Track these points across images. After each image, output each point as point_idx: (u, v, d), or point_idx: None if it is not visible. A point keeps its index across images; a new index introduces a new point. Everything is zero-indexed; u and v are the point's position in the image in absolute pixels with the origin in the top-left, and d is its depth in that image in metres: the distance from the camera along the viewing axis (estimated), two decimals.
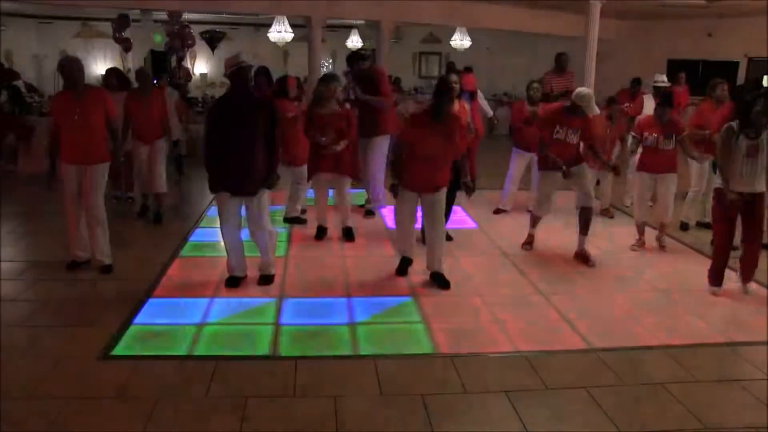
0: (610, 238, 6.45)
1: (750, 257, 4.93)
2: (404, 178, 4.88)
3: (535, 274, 5.29)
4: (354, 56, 6.94)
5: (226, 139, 4.56)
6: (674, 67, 12.08)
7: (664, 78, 7.68)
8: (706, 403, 3.41)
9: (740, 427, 3.22)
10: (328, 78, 6.02)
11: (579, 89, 5.63)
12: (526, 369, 3.73)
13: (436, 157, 4.77)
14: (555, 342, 4.10)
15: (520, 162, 7.17)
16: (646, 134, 5.74)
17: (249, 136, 4.53)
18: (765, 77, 13.67)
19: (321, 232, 6.17)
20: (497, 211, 7.29)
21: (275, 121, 4.66)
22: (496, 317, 4.44)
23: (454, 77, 5.60)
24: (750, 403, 3.45)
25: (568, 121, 5.47)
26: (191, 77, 15.20)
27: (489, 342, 4.08)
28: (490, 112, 7.83)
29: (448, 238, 6.06)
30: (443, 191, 4.96)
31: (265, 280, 4.90)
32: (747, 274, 4.97)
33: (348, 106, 6.11)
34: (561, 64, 8.09)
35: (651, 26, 15.41)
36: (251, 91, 4.65)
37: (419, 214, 5.11)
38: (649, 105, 7.49)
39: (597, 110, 5.52)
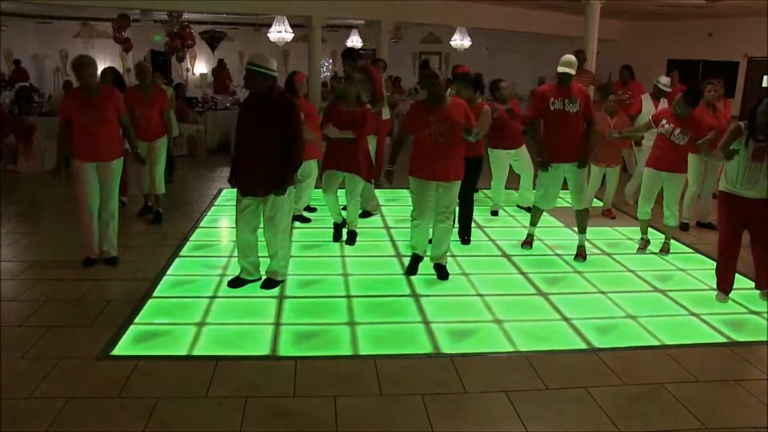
0: (611, 238, 6.45)
1: (764, 264, 4.75)
2: (416, 167, 4.96)
3: (535, 274, 5.29)
4: (350, 52, 6.90)
5: (241, 139, 4.66)
6: (674, 67, 12.09)
7: (668, 81, 7.63)
8: (706, 403, 3.41)
9: (740, 427, 3.22)
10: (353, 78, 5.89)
11: (563, 57, 5.50)
12: (526, 369, 3.73)
13: (443, 140, 4.81)
14: (555, 342, 4.10)
15: (499, 161, 7.13)
16: (663, 122, 5.63)
17: (259, 137, 4.54)
18: (765, 77, 13.69)
19: (338, 231, 6.07)
20: (494, 213, 7.30)
21: (294, 122, 4.56)
22: (496, 317, 4.44)
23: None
24: (750, 403, 3.45)
25: (561, 92, 5.37)
26: (231, 80, 15.20)
27: (489, 342, 4.08)
28: None
29: (466, 242, 6.08)
30: (456, 185, 4.97)
31: (269, 284, 4.85)
32: (764, 283, 4.81)
33: (368, 105, 5.96)
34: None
35: (651, 26, 15.43)
36: (266, 93, 4.52)
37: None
38: (647, 105, 7.44)
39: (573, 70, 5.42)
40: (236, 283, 4.85)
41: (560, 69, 5.35)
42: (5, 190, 7.83)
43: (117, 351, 3.82)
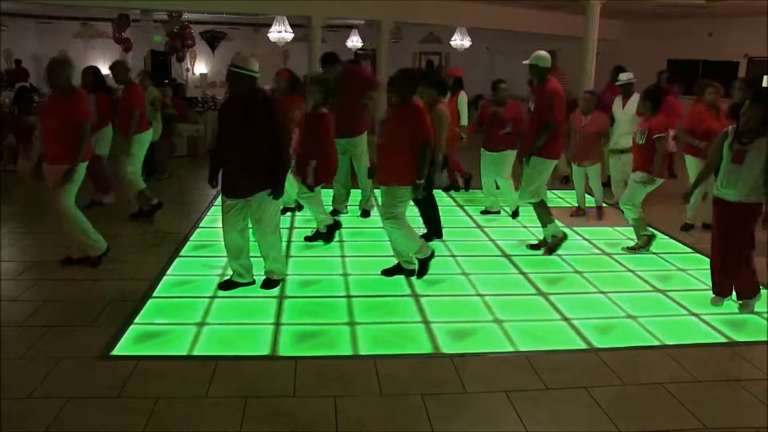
0: (611, 238, 6.45)
1: (734, 272, 4.56)
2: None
3: (535, 274, 5.29)
4: (327, 57, 6.79)
5: (223, 140, 4.62)
6: (674, 67, 12.10)
7: (629, 75, 7.50)
8: (706, 403, 3.41)
9: (740, 427, 3.23)
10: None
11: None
12: (526, 369, 3.73)
13: (388, 144, 4.87)
14: (555, 342, 4.10)
15: (482, 160, 7.10)
16: (635, 129, 5.85)
17: (241, 138, 4.47)
18: (765, 77, 13.68)
19: (321, 236, 6.05)
20: (485, 212, 7.28)
21: (277, 121, 4.48)
22: (496, 317, 4.44)
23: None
24: (750, 403, 3.45)
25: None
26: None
27: (489, 342, 4.08)
28: (464, 121, 7.83)
29: (434, 239, 6.00)
30: (392, 189, 4.85)
31: (268, 284, 4.84)
32: (739, 292, 4.65)
33: (323, 109, 5.71)
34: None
35: (651, 26, 15.44)
36: (248, 94, 4.47)
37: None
38: (616, 103, 7.35)
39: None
40: (227, 286, 4.81)
41: (532, 62, 5.77)
42: (5, 190, 7.83)
43: (117, 351, 3.83)
